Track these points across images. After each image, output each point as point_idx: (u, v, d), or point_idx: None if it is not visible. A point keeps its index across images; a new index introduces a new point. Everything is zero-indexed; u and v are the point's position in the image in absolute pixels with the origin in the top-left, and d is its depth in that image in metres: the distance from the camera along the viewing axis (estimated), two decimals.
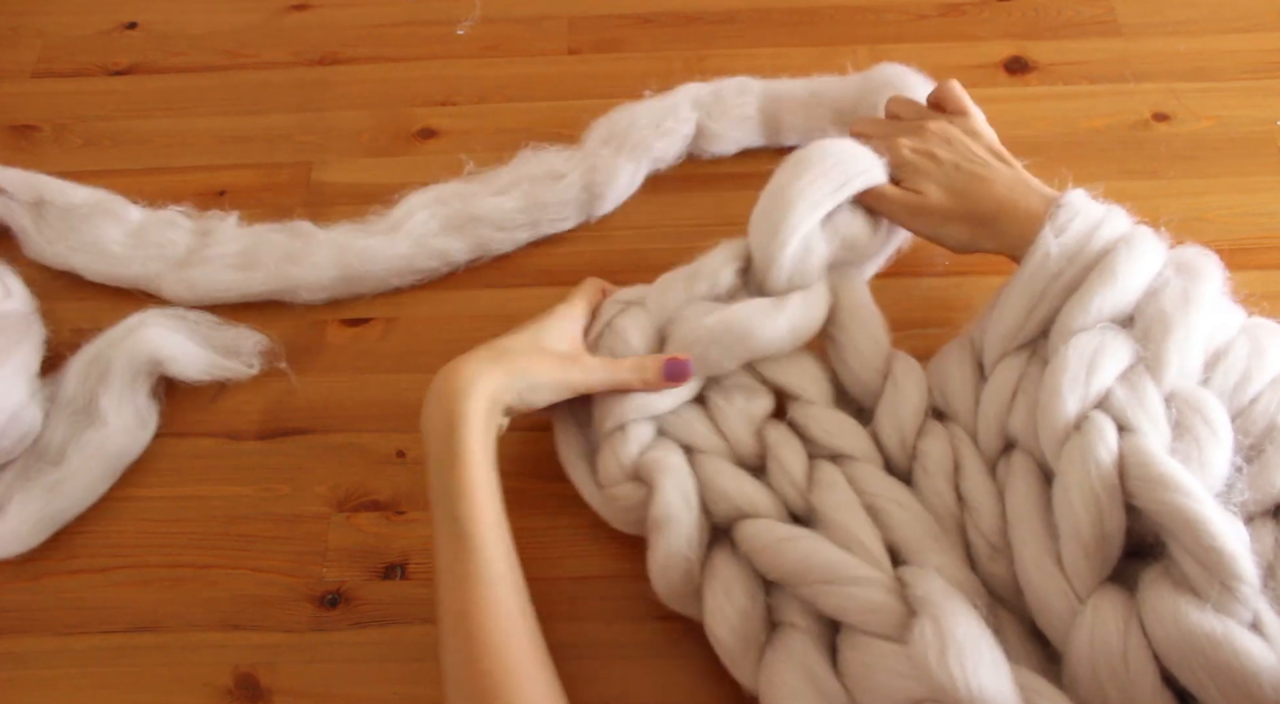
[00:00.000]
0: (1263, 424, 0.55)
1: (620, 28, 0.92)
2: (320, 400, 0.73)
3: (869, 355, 0.64)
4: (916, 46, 0.89)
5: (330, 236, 0.77)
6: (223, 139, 0.87)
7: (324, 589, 0.65)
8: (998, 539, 0.57)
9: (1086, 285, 0.57)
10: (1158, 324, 0.56)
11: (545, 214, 0.78)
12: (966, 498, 0.59)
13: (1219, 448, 0.53)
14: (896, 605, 0.52)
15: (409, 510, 0.68)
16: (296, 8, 0.96)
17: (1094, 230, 0.59)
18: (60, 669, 0.64)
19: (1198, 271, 0.58)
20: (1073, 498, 0.52)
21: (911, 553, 0.57)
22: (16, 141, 0.87)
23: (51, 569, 0.67)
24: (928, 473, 0.60)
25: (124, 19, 0.95)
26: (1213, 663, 0.46)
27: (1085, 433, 0.53)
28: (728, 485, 0.60)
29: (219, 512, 0.69)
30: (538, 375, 0.61)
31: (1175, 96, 0.84)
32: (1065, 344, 0.56)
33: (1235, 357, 0.56)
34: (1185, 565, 0.49)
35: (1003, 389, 0.60)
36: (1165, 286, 0.57)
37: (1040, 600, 0.53)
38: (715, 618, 0.57)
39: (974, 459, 0.60)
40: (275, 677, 0.63)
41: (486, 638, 0.53)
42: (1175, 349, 0.55)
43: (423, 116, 0.87)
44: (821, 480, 0.60)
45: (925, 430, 0.62)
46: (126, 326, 0.72)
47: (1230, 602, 0.48)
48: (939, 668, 0.47)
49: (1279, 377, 0.56)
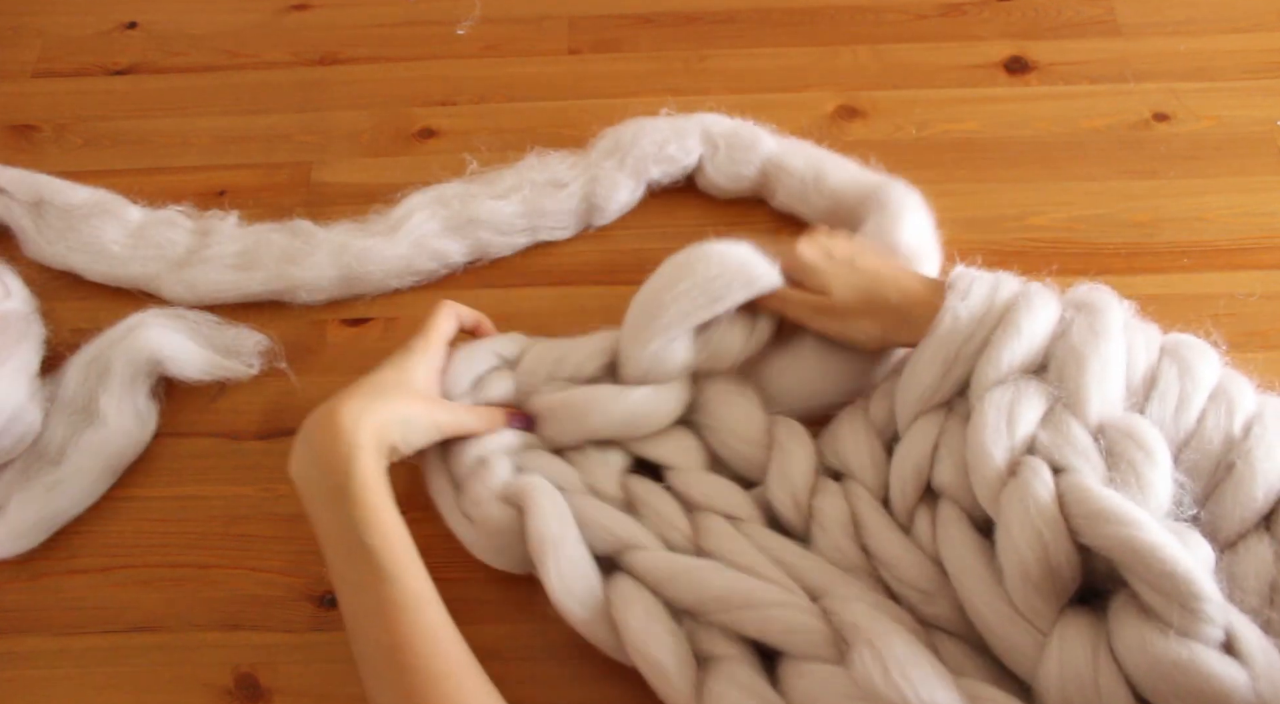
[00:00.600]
0: (1219, 440, 0.55)
1: (620, 28, 0.92)
2: (320, 400, 0.73)
3: (746, 432, 0.64)
4: (916, 46, 0.89)
5: (329, 236, 0.77)
6: (223, 139, 0.87)
7: (324, 589, 0.65)
8: (926, 584, 0.57)
9: (993, 341, 0.58)
10: (1070, 362, 0.56)
11: (544, 221, 0.78)
12: (875, 552, 0.59)
13: (1156, 469, 0.52)
14: (823, 627, 0.53)
15: (409, 511, 0.68)
16: (296, 8, 0.96)
17: (993, 292, 0.60)
18: (60, 669, 0.64)
19: (1097, 307, 0.59)
20: (1015, 538, 0.52)
21: (825, 589, 0.56)
22: (16, 141, 0.88)
23: (51, 569, 0.67)
24: (825, 530, 0.60)
25: (124, 19, 0.95)
26: (1183, 689, 0.46)
27: (1020, 477, 0.53)
28: (605, 519, 0.59)
29: (219, 512, 0.69)
30: (415, 416, 0.60)
31: (1175, 96, 0.84)
32: (981, 400, 0.57)
33: (1166, 381, 0.57)
34: (1144, 594, 0.49)
35: (920, 445, 0.60)
36: (1070, 326, 0.58)
37: (1004, 642, 0.53)
38: (644, 639, 0.55)
39: (875, 514, 0.60)
40: (275, 677, 0.63)
41: (425, 665, 0.51)
42: (1093, 382, 0.55)
43: (423, 116, 0.87)
44: (711, 529, 0.60)
45: (819, 489, 0.62)
46: (126, 326, 0.72)
47: (1195, 623, 0.47)
48: (886, 687, 0.48)
49: (1217, 390, 0.56)
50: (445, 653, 0.53)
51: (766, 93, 0.86)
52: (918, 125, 0.84)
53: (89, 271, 0.77)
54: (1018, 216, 0.78)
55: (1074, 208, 0.79)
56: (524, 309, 0.76)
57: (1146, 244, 0.77)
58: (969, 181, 0.80)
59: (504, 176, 0.80)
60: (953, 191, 0.79)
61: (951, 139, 0.82)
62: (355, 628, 0.54)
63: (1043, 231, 0.78)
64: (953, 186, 0.79)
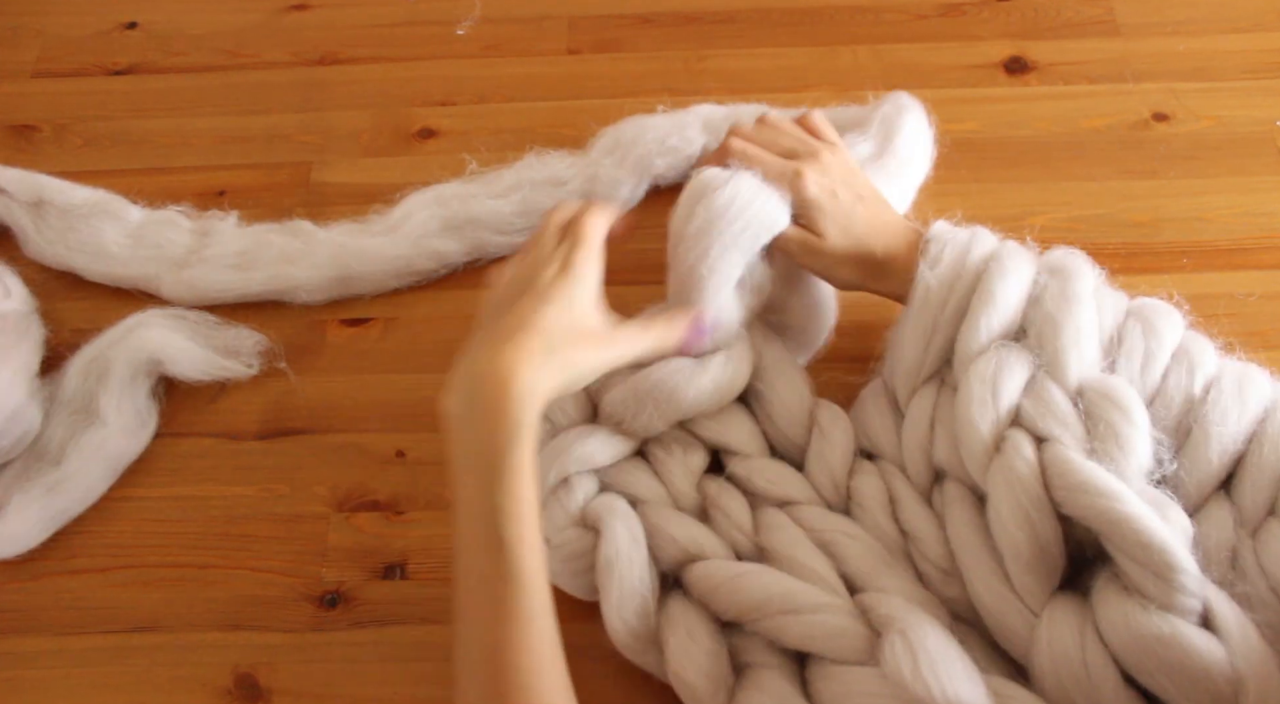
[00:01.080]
0: (1180, 400, 0.56)
1: (620, 28, 0.92)
2: (320, 400, 0.73)
3: (794, 409, 0.64)
4: (916, 46, 0.89)
5: (329, 236, 0.77)
6: (223, 139, 0.87)
7: (324, 589, 0.66)
8: (947, 563, 0.57)
9: (971, 308, 0.58)
10: (1047, 327, 0.57)
11: None
12: (908, 528, 0.59)
13: (1136, 430, 0.53)
14: (861, 629, 0.52)
15: (409, 511, 0.68)
16: (296, 8, 0.96)
17: (964, 255, 0.60)
18: (60, 669, 0.64)
19: (1070, 271, 0.59)
20: (1005, 518, 0.52)
21: (866, 580, 0.56)
22: (16, 141, 0.88)
23: (51, 569, 0.67)
24: (864, 509, 0.60)
25: (124, 19, 0.95)
26: (1166, 664, 0.47)
27: (1004, 453, 0.54)
28: (674, 530, 0.59)
29: (219, 512, 0.69)
30: (583, 367, 0.55)
31: (1175, 96, 0.84)
32: (966, 372, 0.57)
33: (1132, 340, 0.58)
34: (1123, 565, 0.49)
35: (920, 423, 0.60)
36: (1044, 292, 0.58)
37: (997, 621, 0.54)
38: (681, 661, 0.55)
39: (908, 491, 0.61)
40: (275, 677, 0.63)
41: (517, 677, 0.48)
42: (1070, 345, 0.56)
43: (423, 116, 0.87)
44: (769, 523, 0.60)
45: (856, 470, 0.62)
46: (126, 326, 0.72)
47: (1173, 594, 0.48)
48: (914, 680, 0.47)
49: (1179, 349, 0.58)
50: (541, 669, 0.49)
51: (766, 93, 0.86)
52: None
53: (89, 271, 0.77)
54: (1017, 217, 0.78)
55: (1074, 208, 0.79)
56: None
57: (1146, 244, 0.77)
58: (969, 181, 0.80)
59: (503, 176, 0.80)
60: (952, 191, 0.79)
61: (951, 139, 0.82)
62: (464, 607, 0.50)
63: (1042, 232, 0.77)
64: (952, 186, 0.79)
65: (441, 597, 0.65)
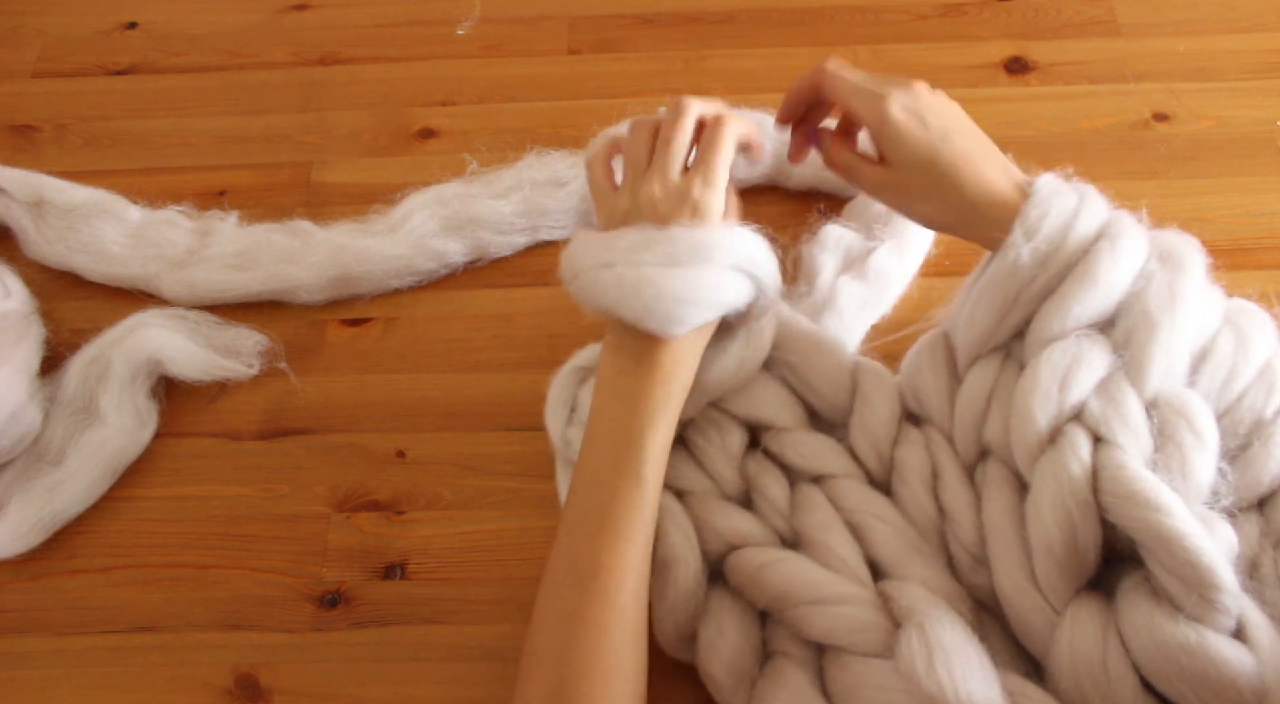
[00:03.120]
0: (1250, 420, 0.54)
1: (620, 28, 0.92)
2: (320, 400, 0.73)
3: (831, 374, 0.62)
4: (916, 46, 0.89)
5: (329, 237, 0.77)
6: (223, 139, 0.87)
7: (324, 589, 0.65)
8: (978, 550, 0.56)
9: (1065, 290, 0.54)
10: (1142, 326, 0.53)
11: (544, 220, 0.78)
12: (946, 508, 0.58)
13: (1203, 454, 0.51)
14: (882, 621, 0.51)
15: (409, 511, 0.68)
16: (296, 8, 0.96)
17: (1068, 228, 0.54)
18: (60, 669, 0.64)
19: (1181, 262, 0.55)
20: (1044, 513, 0.51)
21: (893, 566, 0.56)
22: (16, 141, 0.88)
23: (51, 569, 0.67)
24: (906, 483, 0.59)
25: (124, 19, 0.95)
26: (1189, 673, 0.46)
27: (1059, 447, 0.51)
28: (717, 521, 0.59)
29: (219, 512, 0.69)
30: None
31: (1175, 96, 0.84)
32: (1038, 357, 0.54)
33: (1221, 353, 0.54)
34: (1162, 578, 0.48)
35: (978, 396, 0.58)
36: (1150, 283, 0.54)
37: (1018, 614, 0.53)
38: (707, 654, 0.55)
39: (952, 465, 0.59)
40: (275, 677, 0.63)
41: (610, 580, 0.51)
42: (1160, 353, 0.52)
43: (423, 116, 0.87)
44: (803, 503, 0.59)
45: (901, 439, 0.61)
46: (126, 326, 0.72)
47: (1210, 612, 0.47)
48: (927, 677, 0.47)
49: (1265, 366, 0.55)
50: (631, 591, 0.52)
51: (766, 93, 0.86)
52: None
53: (89, 272, 0.77)
54: None
55: None
56: (524, 309, 0.76)
57: None
58: None
59: (503, 176, 0.80)
60: None
61: None
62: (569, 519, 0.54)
63: None
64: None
65: (442, 597, 0.65)
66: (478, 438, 0.71)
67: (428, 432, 0.71)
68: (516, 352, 0.74)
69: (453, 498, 0.68)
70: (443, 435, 0.71)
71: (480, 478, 0.69)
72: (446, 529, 0.67)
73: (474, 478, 0.69)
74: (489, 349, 0.74)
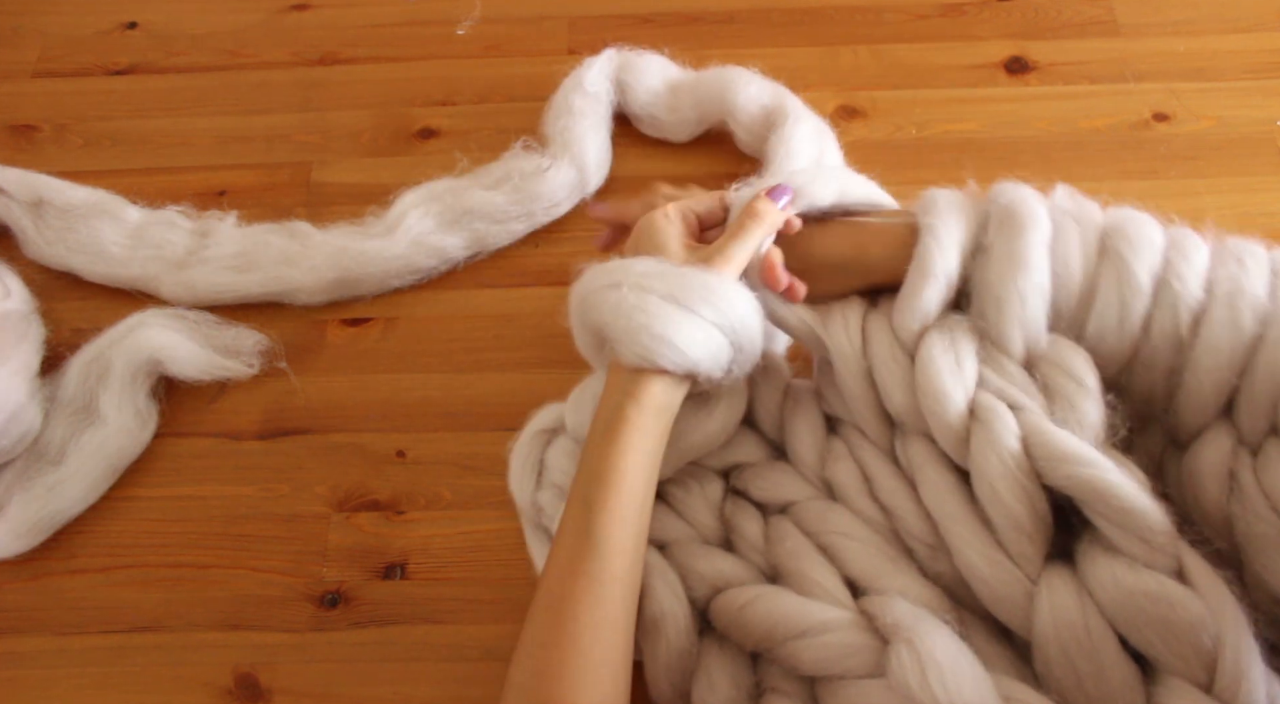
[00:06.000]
0: (1168, 347, 0.53)
1: (620, 28, 0.92)
2: (320, 400, 0.73)
3: (770, 407, 0.63)
4: (916, 46, 0.89)
5: (327, 239, 0.77)
6: (223, 139, 0.87)
7: (324, 589, 0.66)
8: (932, 538, 0.56)
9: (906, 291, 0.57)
10: (990, 304, 0.55)
11: (538, 204, 0.78)
12: (886, 506, 0.58)
13: (1088, 397, 0.52)
14: (870, 641, 0.51)
15: (409, 510, 0.68)
16: (296, 8, 0.96)
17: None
18: (60, 669, 0.64)
19: (1017, 222, 0.55)
20: (1000, 490, 0.52)
21: (870, 580, 0.56)
22: (16, 141, 0.88)
23: (51, 569, 0.67)
24: (847, 498, 0.60)
25: (124, 19, 0.95)
26: (1155, 619, 0.47)
27: (986, 422, 0.53)
28: (700, 565, 0.58)
29: (219, 512, 0.69)
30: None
31: (1175, 96, 0.84)
32: (923, 343, 0.56)
33: (1105, 294, 0.54)
34: (1105, 529, 0.50)
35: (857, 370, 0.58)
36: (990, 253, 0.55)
37: (993, 591, 0.53)
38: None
39: (877, 463, 0.59)
40: (275, 677, 0.63)
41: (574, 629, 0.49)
42: (1014, 325, 0.54)
43: (423, 116, 0.87)
44: (775, 534, 0.60)
45: (829, 457, 0.61)
46: (126, 326, 0.72)
47: (1152, 553, 0.49)
48: (921, 691, 0.47)
49: (1159, 283, 0.53)
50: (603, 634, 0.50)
51: None
52: (918, 125, 0.84)
53: (89, 272, 0.77)
54: None
55: None
56: (524, 309, 0.76)
57: None
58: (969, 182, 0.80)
59: (491, 169, 0.80)
60: None
61: (951, 139, 0.82)
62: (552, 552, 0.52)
63: None
64: (953, 187, 0.79)
65: (442, 597, 0.65)
66: (478, 438, 0.71)
67: (428, 431, 0.71)
68: (516, 351, 0.74)
69: (453, 498, 0.69)
70: (443, 435, 0.71)
71: (480, 478, 0.69)
72: (446, 529, 0.67)
73: (474, 478, 0.69)
74: (489, 349, 0.74)
